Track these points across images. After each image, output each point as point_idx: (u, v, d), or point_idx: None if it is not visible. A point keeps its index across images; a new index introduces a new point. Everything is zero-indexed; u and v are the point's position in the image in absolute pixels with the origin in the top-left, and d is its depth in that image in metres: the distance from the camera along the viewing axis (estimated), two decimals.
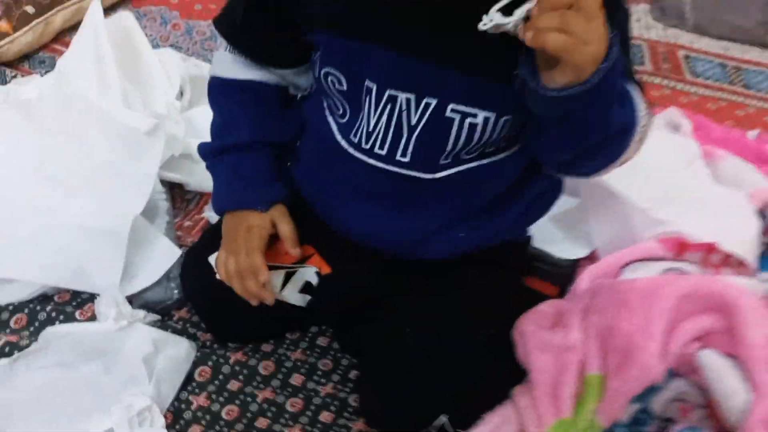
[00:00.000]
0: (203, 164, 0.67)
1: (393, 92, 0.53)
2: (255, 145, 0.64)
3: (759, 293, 0.70)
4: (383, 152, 0.56)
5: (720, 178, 0.88)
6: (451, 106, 0.52)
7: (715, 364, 0.59)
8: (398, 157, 0.56)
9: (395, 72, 0.53)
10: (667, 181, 0.82)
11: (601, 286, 0.66)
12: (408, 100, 0.53)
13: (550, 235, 0.78)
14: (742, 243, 0.77)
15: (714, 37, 1.40)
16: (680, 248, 0.72)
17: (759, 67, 1.33)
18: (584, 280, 0.71)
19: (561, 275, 0.75)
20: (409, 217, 0.60)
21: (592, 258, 0.76)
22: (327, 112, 0.60)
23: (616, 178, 0.76)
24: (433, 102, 0.52)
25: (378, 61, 0.53)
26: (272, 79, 0.63)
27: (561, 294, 0.73)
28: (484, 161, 0.57)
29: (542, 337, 0.64)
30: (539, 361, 0.63)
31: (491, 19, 0.43)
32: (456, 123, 0.53)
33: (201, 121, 0.85)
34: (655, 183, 0.81)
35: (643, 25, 1.42)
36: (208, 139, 0.67)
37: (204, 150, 0.66)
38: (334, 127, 0.59)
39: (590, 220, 0.78)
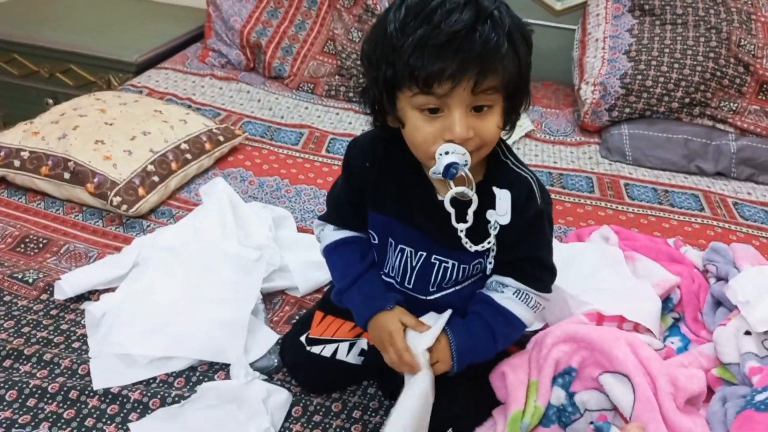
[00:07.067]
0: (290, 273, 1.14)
1: (402, 246, 0.92)
2: (366, 272, 0.95)
3: (656, 346, 1.08)
4: (398, 281, 0.95)
5: (636, 274, 1.26)
6: (433, 257, 0.91)
7: (609, 382, 0.96)
8: (406, 284, 0.94)
9: (405, 236, 0.91)
10: (594, 277, 1.21)
11: (537, 338, 1.04)
12: (410, 252, 0.92)
13: None
14: (648, 316, 1.14)
15: (648, 168, 1.80)
16: (599, 319, 1.09)
17: (682, 189, 1.70)
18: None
19: (525, 339, 1.11)
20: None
21: (545, 328, 1.13)
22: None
23: (559, 275, 1.17)
24: (424, 254, 0.91)
25: (397, 229, 0.91)
26: (360, 234, 0.98)
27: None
28: (457, 287, 0.94)
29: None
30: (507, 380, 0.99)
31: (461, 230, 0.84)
32: (436, 266, 0.91)
33: (284, 238, 1.31)
34: (585, 278, 1.20)
35: (594, 161, 1.83)
36: (292, 250, 1.15)
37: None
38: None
39: None
